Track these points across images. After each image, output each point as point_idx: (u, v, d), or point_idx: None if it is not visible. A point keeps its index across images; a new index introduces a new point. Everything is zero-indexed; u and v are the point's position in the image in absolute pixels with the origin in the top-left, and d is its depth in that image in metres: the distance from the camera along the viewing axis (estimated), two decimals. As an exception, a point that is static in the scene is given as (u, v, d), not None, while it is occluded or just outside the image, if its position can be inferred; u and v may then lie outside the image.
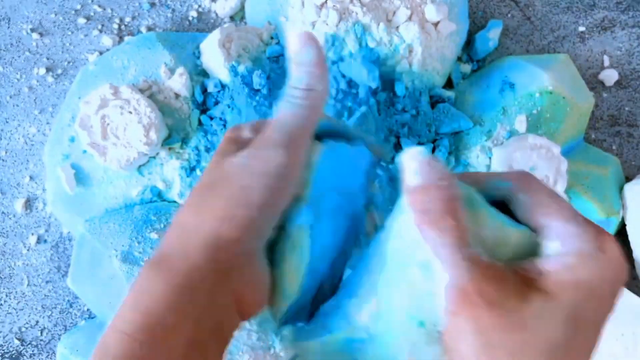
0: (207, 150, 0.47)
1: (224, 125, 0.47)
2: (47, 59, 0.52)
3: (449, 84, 0.52)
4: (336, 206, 0.32)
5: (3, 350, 0.48)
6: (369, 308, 0.29)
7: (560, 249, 0.27)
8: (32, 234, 0.50)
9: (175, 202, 0.48)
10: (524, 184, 0.29)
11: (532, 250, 0.27)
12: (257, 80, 0.45)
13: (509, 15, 0.55)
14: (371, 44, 0.46)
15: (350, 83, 0.46)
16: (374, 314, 0.29)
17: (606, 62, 0.54)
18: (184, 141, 0.47)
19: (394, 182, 0.38)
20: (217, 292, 0.28)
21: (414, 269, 0.27)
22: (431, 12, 0.46)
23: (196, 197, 0.29)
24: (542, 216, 0.28)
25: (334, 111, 0.46)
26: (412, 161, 0.27)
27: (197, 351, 0.28)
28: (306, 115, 0.30)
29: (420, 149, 0.27)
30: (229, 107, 0.47)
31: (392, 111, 0.47)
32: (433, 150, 0.48)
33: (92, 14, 0.53)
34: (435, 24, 0.47)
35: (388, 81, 0.47)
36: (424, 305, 0.27)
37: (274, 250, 0.31)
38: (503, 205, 0.29)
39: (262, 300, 0.30)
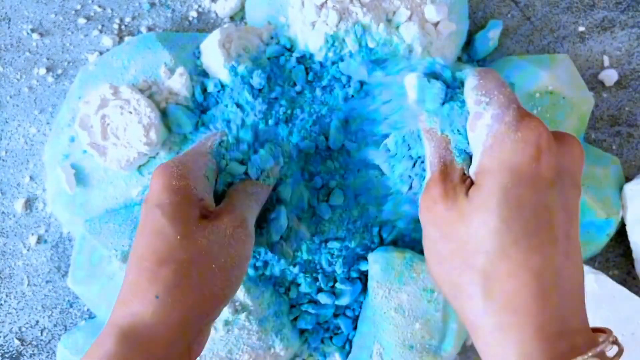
0: (207, 150, 0.47)
1: (227, 125, 0.47)
2: (47, 59, 0.52)
3: (449, 84, 0.52)
4: None
5: (3, 350, 0.48)
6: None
7: (484, 136, 0.29)
8: (32, 234, 0.50)
9: (175, 202, 0.48)
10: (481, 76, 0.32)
11: None
12: (257, 80, 0.45)
13: (509, 15, 0.55)
14: (371, 44, 0.45)
15: (350, 83, 0.46)
16: None
17: (606, 62, 0.54)
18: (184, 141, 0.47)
19: None
20: None
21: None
22: (431, 12, 0.46)
23: None
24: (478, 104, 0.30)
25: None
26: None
27: None
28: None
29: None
30: (228, 107, 0.47)
31: (392, 111, 0.47)
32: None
33: (92, 14, 0.53)
34: (435, 24, 0.47)
35: (388, 81, 0.47)
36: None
37: None
38: None
39: None
